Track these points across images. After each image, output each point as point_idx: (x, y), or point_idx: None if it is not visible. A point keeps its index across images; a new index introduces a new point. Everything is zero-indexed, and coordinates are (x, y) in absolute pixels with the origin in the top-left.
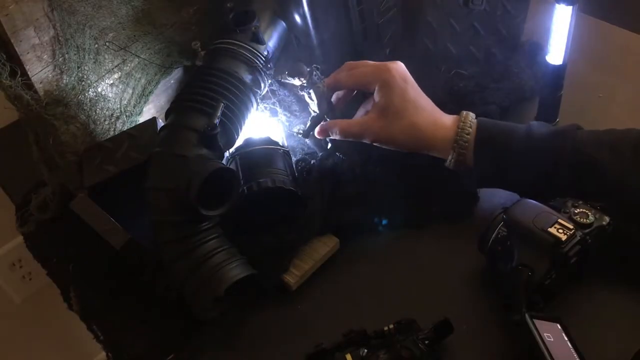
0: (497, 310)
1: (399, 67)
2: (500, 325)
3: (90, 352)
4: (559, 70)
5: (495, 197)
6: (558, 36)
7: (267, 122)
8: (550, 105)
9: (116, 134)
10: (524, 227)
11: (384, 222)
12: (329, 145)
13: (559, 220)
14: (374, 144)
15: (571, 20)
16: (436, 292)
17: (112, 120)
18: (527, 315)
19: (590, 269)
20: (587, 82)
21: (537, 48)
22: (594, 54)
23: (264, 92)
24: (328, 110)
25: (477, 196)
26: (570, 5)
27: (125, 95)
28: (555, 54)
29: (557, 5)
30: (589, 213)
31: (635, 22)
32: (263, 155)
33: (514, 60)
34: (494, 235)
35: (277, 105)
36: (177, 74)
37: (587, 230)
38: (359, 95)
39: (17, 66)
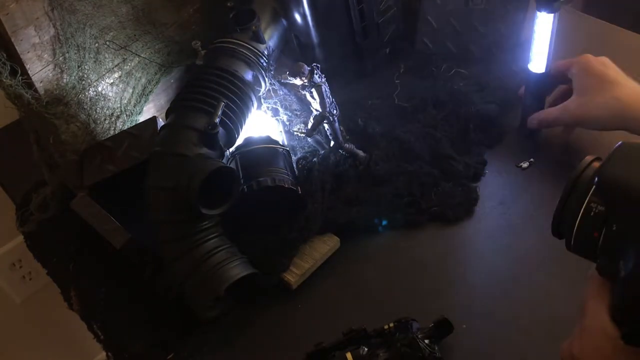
0: (496, 310)
1: (599, 57)
2: (498, 324)
3: (90, 352)
4: (541, 79)
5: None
6: (540, 44)
7: (268, 121)
8: (533, 114)
9: (116, 133)
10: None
11: (384, 222)
12: (331, 143)
13: None
14: (571, 125)
15: (552, 28)
16: (435, 292)
17: (113, 119)
18: None
19: None
20: None
21: None
22: (594, 54)
23: (265, 91)
24: (329, 109)
25: (478, 195)
26: (551, 13)
27: (126, 94)
28: (538, 62)
29: (538, 13)
30: None
31: (635, 22)
32: (263, 154)
33: (514, 58)
34: (580, 216)
35: (278, 105)
36: (177, 73)
37: None
38: None
39: (17, 65)
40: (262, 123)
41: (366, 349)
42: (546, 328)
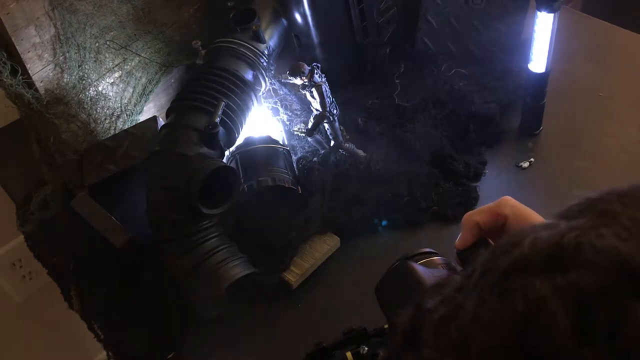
0: None
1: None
2: None
3: (90, 351)
4: (541, 78)
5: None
6: (540, 44)
7: (268, 121)
8: (533, 114)
9: (117, 132)
10: None
11: (384, 222)
12: (331, 143)
13: None
14: None
15: (552, 28)
16: None
17: (113, 119)
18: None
19: None
20: (587, 82)
21: None
22: (594, 54)
23: (265, 90)
24: (329, 108)
25: (478, 195)
26: (551, 13)
27: (126, 94)
28: (538, 62)
29: (538, 13)
30: None
31: (635, 22)
32: (263, 154)
33: (514, 59)
34: None
35: (279, 105)
36: (177, 72)
37: None
38: None
39: (17, 65)
40: (263, 123)
41: (366, 349)
42: None
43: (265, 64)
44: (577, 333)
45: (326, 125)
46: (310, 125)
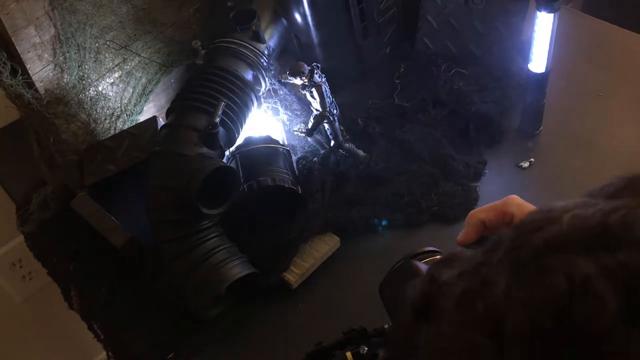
0: None
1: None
2: None
3: (90, 352)
4: (541, 79)
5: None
6: (540, 44)
7: (268, 121)
8: (533, 114)
9: (117, 132)
10: None
11: (384, 222)
12: (331, 143)
13: None
14: None
15: (552, 28)
16: None
17: (113, 119)
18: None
19: None
20: (587, 82)
21: None
22: (594, 54)
23: (265, 90)
24: (329, 108)
25: (478, 195)
26: (551, 13)
27: (126, 94)
28: (538, 62)
29: (538, 13)
30: None
31: (636, 22)
32: (263, 154)
33: (514, 59)
34: None
35: (279, 105)
36: (177, 72)
37: None
38: None
39: (17, 65)
40: (263, 123)
41: (366, 349)
42: None
43: (265, 64)
44: (626, 314)
45: (326, 125)
46: (310, 125)
